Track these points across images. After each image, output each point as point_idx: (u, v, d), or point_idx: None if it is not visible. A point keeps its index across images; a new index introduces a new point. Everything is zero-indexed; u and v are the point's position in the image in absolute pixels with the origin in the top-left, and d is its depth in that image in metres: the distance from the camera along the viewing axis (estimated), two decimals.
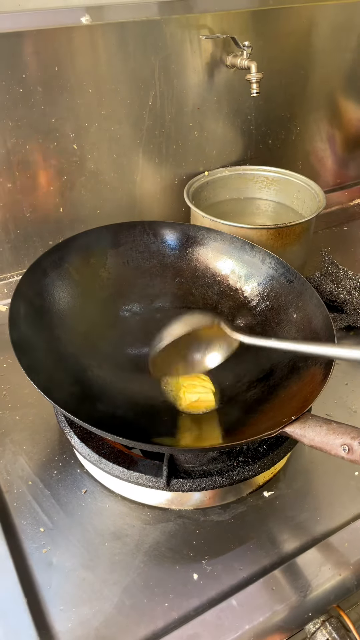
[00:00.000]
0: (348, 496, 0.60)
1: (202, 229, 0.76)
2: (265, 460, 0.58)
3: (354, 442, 0.47)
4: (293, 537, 0.56)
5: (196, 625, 0.49)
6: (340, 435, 0.49)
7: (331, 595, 0.52)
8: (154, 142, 0.90)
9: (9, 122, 0.76)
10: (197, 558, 0.55)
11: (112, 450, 0.58)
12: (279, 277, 0.71)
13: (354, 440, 0.47)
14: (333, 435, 0.49)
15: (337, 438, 0.49)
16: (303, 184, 0.95)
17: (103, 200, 0.90)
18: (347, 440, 0.48)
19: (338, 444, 0.48)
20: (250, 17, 0.88)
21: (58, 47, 0.75)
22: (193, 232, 0.75)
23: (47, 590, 0.52)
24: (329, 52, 1.01)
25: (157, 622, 0.50)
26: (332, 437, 0.49)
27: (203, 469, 0.57)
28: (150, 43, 0.81)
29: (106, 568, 0.54)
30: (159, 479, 0.55)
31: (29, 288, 0.65)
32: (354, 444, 0.47)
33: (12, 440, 0.66)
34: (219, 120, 0.95)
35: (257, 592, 0.51)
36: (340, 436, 0.48)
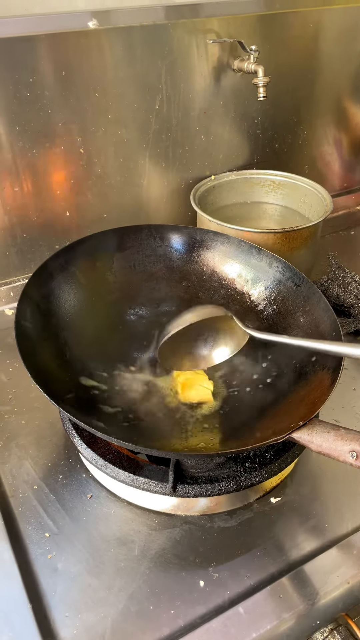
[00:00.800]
0: (356, 502, 0.60)
1: (209, 232, 0.75)
2: (273, 466, 0.57)
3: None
4: (300, 544, 0.56)
5: (202, 633, 0.48)
6: (349, 441, 0.48)
7: (339, 603, 0.51)
8: (160, 146, 0.90)
9: (16, 126, 0.76)
10: (203, 565, 0.54)
11: (118, 455, 0.58)
12: (286, 281, 0.70)
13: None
14: (341, 442, 0.48)
15: (345, 444, 0.48)
16: (310, 188, 0.94)
17: (109, 204, 0.90)
18: (355, 447, 0.47)
19: (346, 450, 0.48)
20: (257, 22, 0.88)
21: (65, 51, 0.75)
22: (200, 235, 0.75)
23: (52, 596, 0.51)
24: (336, 57, 1.01)
25: (162, 630, 0.49)
26: (340, 443, 0.48)
27: (209, 475, 0.56)
28: (157, 47, 0.81)
29: (112, 574, 0.53)
30: (165, 485, 0.55)
31: (36, 291, 0.65)
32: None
33: (17, 445, 0.66)
34: (226, 125, 0.94)
35: (264, 600, 0.50)
36: (349, 442, 0.48)
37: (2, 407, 0.71)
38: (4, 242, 0.85)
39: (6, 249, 0.85)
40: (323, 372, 0.60)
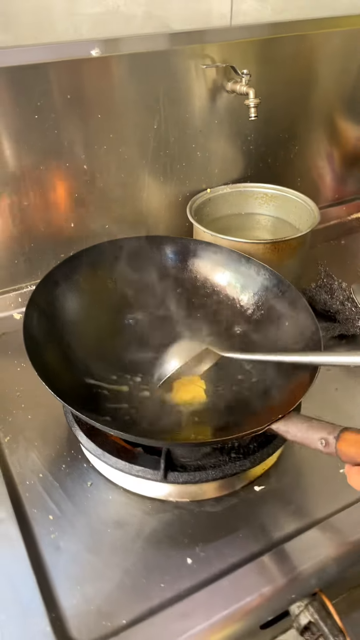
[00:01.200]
0: (333, 491, 0.65)
1: (202, 243, 0.81)
2: (255, 456, 0.63)
3: (330, 436, 0.52)
4: (280, 527, 0.61)
5: (188, 603, 0.54)
6: (319, 430, 0.54)
7: (313, 579, 0.56)
8: (159, 162, 0.96)
9: (25, 145, 0.83)
10: (191, 545, 0.60)
11: (115, 446, 0.64)
12: (272, 288, 0.76)
13: (329, 435, 0.53)
14: (312, 431, 0.54)
15: (316, 433, 0.54)
16: (300, 201, 1.00)
17: (111, 216, 0.96)
18: (324, 435, 0.53)
19: (317, 438, 0.54)
20: (249, 46, 0.94)
21: (70, 77, 0.82)
22: (193, 246, 0.81)
23: (55, 570, 0.57)
24: (326, 76, 1.07)
25: (153, 600, 0.55)
26: (311, 433, 0.54)
27: (198, 464, 0.62)
28: (155, 72, 0.88)
29: (109, 552, 0.59)
30: (157, 472, 0.61)
31: (42, 298, 0.71)
32: (329, 438, 0.52)
33: (24, 437, 0.72)
34: (221, 142, 1.01)
35: (245, 575, 0.56)
36: (319, 432, 0.54)
37: (11, 404, 0.77)
38: (13, 251, 0.91)
39: (15, 257, 0.92)
40: (303, 372, 0.65)
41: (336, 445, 0.52)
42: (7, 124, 0.80)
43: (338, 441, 0.52)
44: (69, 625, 0.53)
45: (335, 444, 0.52)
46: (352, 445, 0.51)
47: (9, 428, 0.73)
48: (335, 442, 0.52)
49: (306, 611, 0.56)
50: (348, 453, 0.52)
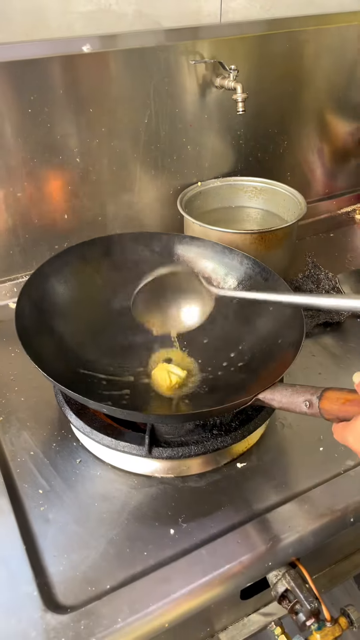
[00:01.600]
0: (312, 468, 0.68)
1: (186, 237, 0.84)
2: (237, 433, 0.65)
3: (313, 397, 0.55)
4: (260, 501, 0.64)
5: (169, 570, 0.56)
6: (302, 394, 0.57)
7: (289, 548, 0.59)
8: (150, 155, 0.99)
9: (19, 138, 0.86)
10: (174, 517, 0.62)
11: (102, 424, 0.67)
12: (255, 276, 0.79)
13: (313, 396, 0.55)
14: (296, 395, 0.57)
15: (300, 396, 0.57)
16: (288, 194, 1.03)
17: (104, 208, 0.99)
18: (307, 397, 0.56)
19: (301, 401, 0.56)
20: (238, 43, 0.97)
21: (63, 72, 0.84)
22: (178, 240, 0.84)
23: (44, 540, 0.60)
24: (315, 72, 1.10)
25: (136, 567, 0.57)
26: (295, 397, 0.57)
27: (181, 440, 0.65)
28: (146, 68, 0.91)
29: (95, 523, 0.62)
30: (141, 448, 0.63)
31: (33, 291, 0.74)
32: (313, 399, 0.55)
33: (17, 418, 0.75)
34: (211, 136, 1.03)
35: (225, 544, 0.58)
36: (302, 394, 0.57)
37: (5, 387, 0.79)
38: (8, 242, 0.94)
39: (10, 248, 0.95)
40: (287, 349, 0.68)
41: (319, 404, 0.55)
42: (1, 118, 0.83)
43: (321, 400, 0.55)
44: (56, 591, 0.56)
45: (318, 404, 0.55)
46: (333, 402, 0.54)
47: (2, 409, 0.76)
48: (318, 401, 0.55)
49: (283, 579, 0.59)
50: (330, 410, 0.54)
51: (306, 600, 0.57)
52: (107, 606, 0.53)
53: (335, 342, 0.89)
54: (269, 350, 0.73)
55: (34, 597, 0.54)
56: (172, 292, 0.73)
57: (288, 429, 0.73)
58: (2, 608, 0.53)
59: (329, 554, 0.73)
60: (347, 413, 0.52)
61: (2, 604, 0.53)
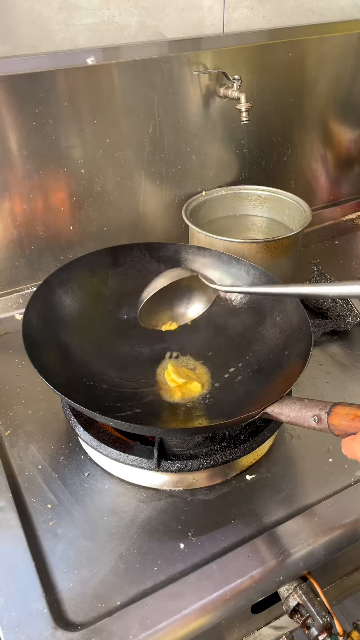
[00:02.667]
0: (321, 480, 0.67)
1: (193, 247, 0.84)
2: (246, 445, 0.65)
3: (322, 412, 0.54)
4: (270, 514, 0.63)
5: (180, 585, 0.56)
6: (311, 408, 0.56)
7: (300, 562, 0.58)
8: (155, 166, 0.99)
9: (24, 151, 0.86)
10: (184, 531, 0.62)
11: (110, 437, 0.66)
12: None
13: (321, 411, 0.55)
14: (305, 410, 0.56)
15: (309, 411, 0.56)
16: (293, 202, 1.03)
17: (109, 219, 0.99)
18: (316, 412, 0.55)
19: (309, 416, 0.56)
20: (241, 53, 0.97)
21: (67, 85, 0.85)
22: (184, 250, 0.84)
23: (53, 555, 0.59)
24: (318, 80, 1.10)
25: (146, 583, 0.57)
26: (304, 411, 0.56)
27: (190, 453, 0.64)
28: (150, 79, 0.91)
29: (104, 538, 0.61)
30: (150, 461, 0.63)
31: (39, 303, 0.73)
32: (321, 414, 0.54)
33: (24, 431, 0.74)
34: (215, 145, 1.04)
35: (235, 559, 0.58)
36: (311, 409, 0.56)
37: (12, 399, 0.79)
38: (14, 254, 0.94)
39: (16, 260, 0.95)
40: (295, 360, 0.68)
41: (328, 420, 0.54)
42: (6, 130, 0.84)
43: (329, 416, 0.54)
44: (66, 608, 0.55)
45: (327, 419, 0.54)
46: (342, 418, 0.53)
47: (9, 422, 0.76)
48: (326, 417, 0.54)
49: (295, 593, 0.58)
50: (339, 426, 0.53)
51: (318, 615, 0.57)
52: (117, 623, 0.53)
53: (343, 350, 0.88)
54: (276, 361, 0.72)
55: (44, 615, 0.54)
56: (175, 295, 0.72)
57: (297, 440, 0.73)
58: (11, 625, 0.52)
59: (340, 566, 0.72)
60: (357, 429, 0.51)
61: (11, 621, 0.53)
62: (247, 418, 0.59)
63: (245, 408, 0.66)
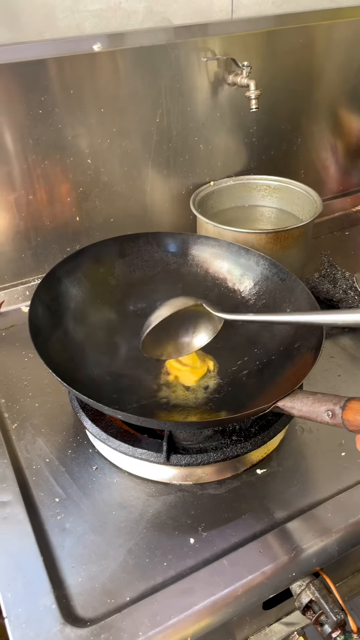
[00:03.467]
0: (334, 474, 0.66)
1: (201, 237, 0.83)
2: (256, 439, 0.64)
3: (336, 407, 0.53)
4: (282, 509, 0.62)
5: (190, 581, 0.55)
6: (324, 403, 0.54)
7: (313, 558, 0.57)
8: (162, 155, 0.97)
9: (30, 140, 0.85)
10: (194, 525, 0.61)
11: (119, 430, 0.65)
12: (272, 277, 0.77)
13: (335, 406, 0.53)
14: (318, 404, 0.55)
15: (322, 406, 0.54)
16: (303, 192, 1.01)
17: (116, 210, 0.98)
18: (330, 407, 0.53)
19: (323, 410, 0.54)
20: (250, 39, 0.95)
21: (73, 72, 0.83)
22: (192, 240, 0.82)
23: (61, 550, 0.59)
24: (328, 67, 1.08)
25: (156, 578, 0.56)
26: (317, 406, 0.55)
27: (200, 446, 0.63)
28: (157, 66, 0.89)
29: (113, 533, 0.60)
30: (159, 455, 0.62)
31: (45, 294, 0.72)
32: (335, 409, 0.53)
33: (32, 424, 0.73)
34: (223, 134, 1.02)
35: (247, 554, 0.57)
36: (325, 404, 0.54)
37: (18, 392, 0.78)
38: (20, 246, 0.93)
39: (22, 251, 0.94)
40: (306, 353, 0.66)
41: (342, 415, 0.52)
42: (12, 119, 0.82)
43: (344, 411, 0.52)
44: (74, 603, 0.54)
45: (341, 414, 0.52)
46: (358, 413, 0.51)
47: (16, 415, 0.75)
48: (341, 412, 0.52)
49: (307, 590, 0.57)
50: (354, 422, 0.52)
51: (332, 612, 0.56)
52: (127, 619, 0.52)
53: (355, 343, 0.87)
54: (286, 353, 0.71)
55: (52, 610, 0.53)
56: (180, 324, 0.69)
57: (308, 433, 0.72)
58: (19, 621, 0.52)
59: (353, 561, 0.71)
60: None
61: (19, 617, 0.52)
62: (258, 412, 0.58)
63: (255, 401, 0.64)
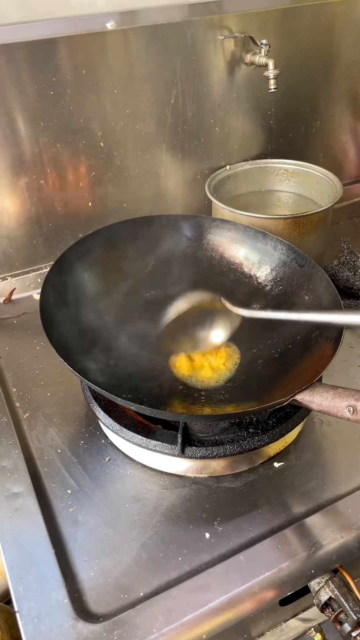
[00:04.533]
0: (354, 468, 0.64)
1: (217, 220, 0.80)
2: (274, 432, 0.62)
3: (358, 403, 0.51)
4: (300, 503, 0.60)
5: (206, 577, 0.53)
6: (346, 398, 0.52)
7: (333, 555, 0.55)
8: (176, 138, 0.95)
9: (41, 122, 0.82)
10: (209, 519, 0.59)
11: (132, 421, 0.64)
12: (290, 262, 0.74)
13: (357, 402, 0.51)
14: (339, 399, 0.53)
15: (343, 401, 0.52)
16: (322, 176, 0.98)
17: (129, 194, 0.95)
18: (351, 402, 0.51)
19: (344, 406, 0.52)
20: (268, 16, 0.92)
21: (85, 51, 0.81)
22: (208, 223, 0.80)
23: (73, 543, 0.57)
24: (348, 46, 1.04)
25: (170, 574, 0.54)
26: (337, 401, 0.53)
27: (215, 439, 0.61)
28: (171, 45, 0.86)
29: (126, 526, 0.59)
30: (174, 447, 0.60)
31: (57, 279, 0.70)
32: (357, 405, 0.51)
33: (43, 414, 0.72)
34: (240, 116, 0.99)
35: (264, 550, 0.55)
36: (346, 399, 0.52)
37: (30, 381, 0.77)
38: (31, 232, 0.91)
39: (33, 237, 0.92)
40: (325, 343, 0.64)
41: None
42: (23, 100, 0.80)
43: None
44: (87, 598, 0.53)
45: None
46: None
47: (28, 405, 0.73)
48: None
49: (326, 587, 0.55)
50: None
51: (352, 610, 0.54)
52: (141, 615, 0.50)
53: None
54: (304, 343, 0.68)
55: (65, 605, 0.51)
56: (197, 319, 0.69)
57: (327, 426, 0.69)
58: (31, 616, 0.51)
59: None
60: None
61: (31, 612, 0.51)
62: (275, 405, 0.56)
63: (271, 393, 0.62)
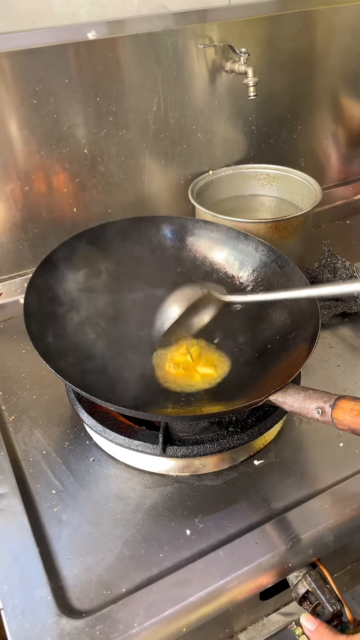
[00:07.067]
0: (332, 465, 0.66)
1: (200, 221, 0.82)
2: (253, 430, 0.63)
3: (326, 405, 0.53)
4: (279, 499, 0.62)
5: (186, 572, 0.55)
6: (315, 400, 0.54)
7: (310, 549, 0.57)
8: (159, 144, 0.96)
9: (25, 131, 0.84)
10: (190, 517, 0.61)
11: (115, 422, 0.65)
12: (271, 264, 0.76)
13: (325, 404, 0.53)
14: (309, 401, 0.55)
15: (312, 403, 0.54)
16: (302, 180, 1.00)
17: (113, 200, 0.97)
18: (320, 404, 0.53)
19: (313, 407, 0.54)
20: (247, 25, 0.94)
21: (67, 60, 0.82)
22: (191, 224, 0.82)
23: (57, 542, 0.59)
24: (329, 54, 1.06)
25: (152, 570, 0.56)
26: (308, 402, 0.55)
27: (196, 438, 0.63)
28: (153, 53, 0.88)
29: (109, 524, 0.60)
30: (156, 446, 0.62)
31: (41, 282, 0.72)
32: (325, 407, 0.53)
33: (29, 417, 0.73)
34: (221, 123, 1.01)
35: (243, 545, 0.57)
36: (315, 401, 0.54)
37: (16, 385, 0.78)
38: (17, 237, 0.92)
39: (19, 243, 0.93)
40: (301, 344, 0.66)
41: (332, 413, 0.52)
42: (7, 109, 0.81)
43: (334, 409, 0.52)
44: (70, 595, 0.54)
45: (331, 412, 0.52)
46: (347, 413, 0.52)
47: (14, 408, 0.75)
48: (330, 410, 0.53)
49: (304, 580, 0.57)
50: (343, 421, 0.52)
51: (328, 602, 0.55)
52: (123, 610, 0.52)
53: (354, 333, 0.86)
54: (283, 343, 0.70)
55: (48, 602, 0.53)
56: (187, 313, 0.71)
57: (306, 424, 0.71)
58: (15, 613, 0.52)
59: (351, 551, 0.71)
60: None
61: (15, 608, 0.52)
62: (250, 405, 0.58)
63: (250, 393, 0.64)
